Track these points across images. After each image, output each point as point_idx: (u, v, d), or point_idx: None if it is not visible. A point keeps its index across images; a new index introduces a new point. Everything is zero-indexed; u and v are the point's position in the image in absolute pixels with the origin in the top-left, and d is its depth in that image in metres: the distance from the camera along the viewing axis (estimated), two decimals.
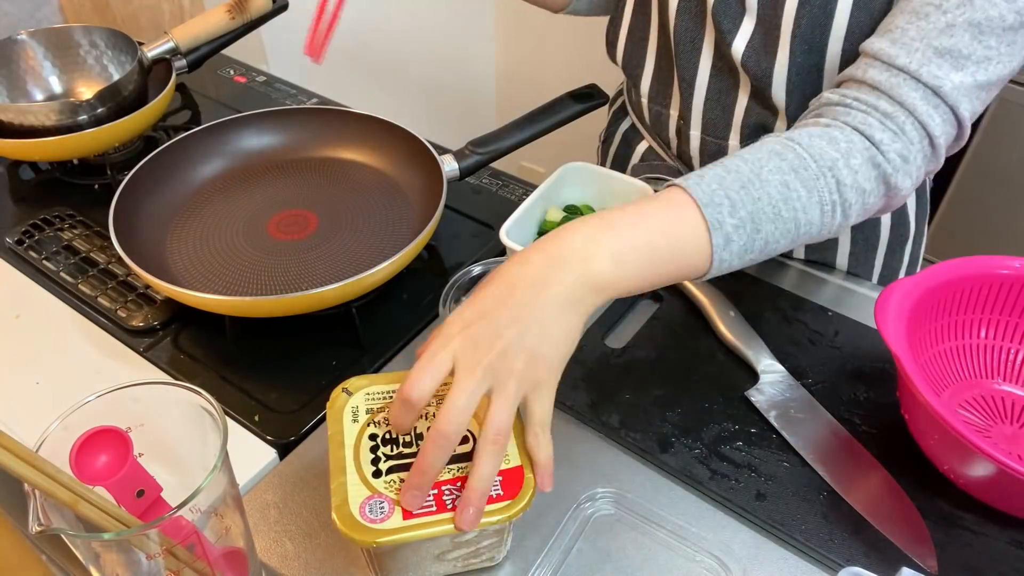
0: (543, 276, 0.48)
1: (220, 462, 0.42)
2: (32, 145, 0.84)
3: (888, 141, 0.55)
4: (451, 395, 0.46)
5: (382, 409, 0.52)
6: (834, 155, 0.55)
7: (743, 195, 0.53)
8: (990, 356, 0.65)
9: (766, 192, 0.53)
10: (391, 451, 0.50)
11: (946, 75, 0.55)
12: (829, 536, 0.55)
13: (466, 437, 0.51)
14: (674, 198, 0.53)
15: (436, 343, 0.48)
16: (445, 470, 0.49)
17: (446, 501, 0.47)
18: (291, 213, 0.81)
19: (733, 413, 0.64)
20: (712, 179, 0.53)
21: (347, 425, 0.51)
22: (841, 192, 0.55)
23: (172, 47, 0.97)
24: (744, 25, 0.68)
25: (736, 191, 0.53)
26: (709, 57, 0.73)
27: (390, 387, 0.54)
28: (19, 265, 0.79)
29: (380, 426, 0.51)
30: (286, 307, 0.65)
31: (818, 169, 0.54)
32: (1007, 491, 0.54)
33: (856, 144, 0.55)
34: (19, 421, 0.63)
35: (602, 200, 0.83)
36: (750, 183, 0.53)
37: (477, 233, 0.83)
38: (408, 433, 0.51)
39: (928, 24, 0.55)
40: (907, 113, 0.56)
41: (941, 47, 0.55)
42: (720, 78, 0.73)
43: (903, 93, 0.56)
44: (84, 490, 0.41)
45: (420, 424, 0.52)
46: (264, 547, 0.56)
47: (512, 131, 0.80)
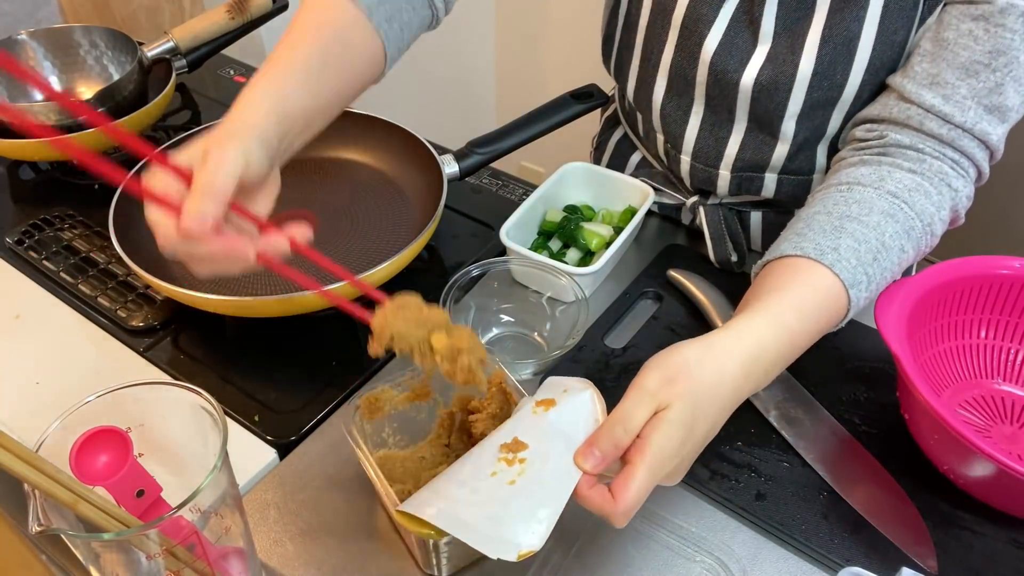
0: (737, 398, 0.51)
1: (220, 462, 0.42)
2: (32, 145, 0.84)
3: (962, 187, 0.61)
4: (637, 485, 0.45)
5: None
6: (932, 211, 0.60)
7: (875, 269, 0.57)
8: (990, 356, 0.65)
9: (891, 261, 0.58)
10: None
11: (994, 129, 0.60)
12: (829, 536, 0.55)
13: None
14: (819, 280, 0.55)
15: (649, 475, 0.46)
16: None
17: None
18: (291, 213, 0.81)
19: (733, 413, 0.63)
20: (849, 253, 0.56)
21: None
22: (931, 241, 0.61)
23: (172, 47, 0.97)
24: (754, 60, 0.68)
25: (871, 265, 0.57)
26: (703, 94, 0.72)
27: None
28: (19, 265, 0.79)
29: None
30: (286, 307, 0.65)
31: (923, 228, 0.59)
32: (1007, 491, 0.54)
33: (945, 197, 0.60)
34: (19, 421, 0.63)
35: (602, 200, 0.83)
36: (879, 254, 0.57)
37: (477, 233, 0.83)
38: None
39: (978, 83, 0.59)
40: (968, 160, 0.61)
41: (991, 105, 0.59)
42: (715, 111, 0.73)
43: (963, 145, 0.60)
44: (84, 490, 0.41)
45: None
46: (264, 547, 0.56)
47: (512, 131, 0.80)
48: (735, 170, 0.75)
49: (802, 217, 0.60)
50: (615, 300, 0.74)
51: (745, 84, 0.68)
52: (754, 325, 0.52)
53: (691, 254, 0.80)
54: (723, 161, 0.75)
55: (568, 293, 0.70)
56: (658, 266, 0.78)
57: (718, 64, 0.69)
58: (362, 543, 0.56)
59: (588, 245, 0.77)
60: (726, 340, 0.50)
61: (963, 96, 0.59)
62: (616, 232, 0.77)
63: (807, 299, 0.55)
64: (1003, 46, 0.57)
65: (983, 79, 0.58)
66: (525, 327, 0.74)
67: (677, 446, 0.46)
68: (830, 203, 0.60)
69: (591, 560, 0.55)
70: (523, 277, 0.75)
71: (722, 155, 0.75)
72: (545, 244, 0.79)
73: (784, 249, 0.58)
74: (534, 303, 0.73)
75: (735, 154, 0.74)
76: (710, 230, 0.78)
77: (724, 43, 0.68)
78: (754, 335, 0.51)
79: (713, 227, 0.78)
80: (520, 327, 0.74)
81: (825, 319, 0.55)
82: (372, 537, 0.57)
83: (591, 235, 0.77)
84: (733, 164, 0.75)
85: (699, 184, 0.79)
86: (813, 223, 0.58)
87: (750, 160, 0.74)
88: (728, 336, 0.51)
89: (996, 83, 0.58)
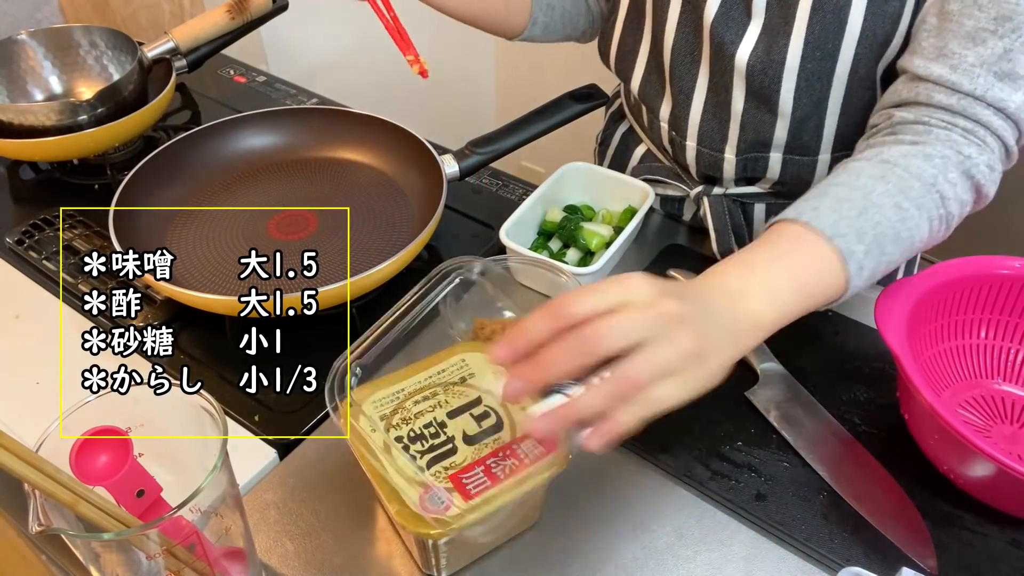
0: (730, 294, 0.48)
1: (220, 462, 0.42)
2: (32, 145, 0.84)
3: (976, 154, 0.58)
4: (617, 315, 0.42)
5: (395, 411, 0.53)
6: (932, 172, 0.57)
7: (863, 222, 0.54)
8: (990, 356, 0.65)
9: (884, 216, 0.55)
10: (422, 446, 0.51)
11: (1009, 96, 0.58)
12: (829, 536, 0.55)
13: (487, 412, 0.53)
14: (795, 233, 0.53)
15: (613, 279, 0.44)
16: (482, 444, 0.51)
17: (496, 473, 0.49)
18: (291, 213, 0.81)
19: (733, 413, 0.64)
20: (827, 211, 0.54)
21: (368, 436, 0.51)
22: (945, 206, 0.57)
23: (172, 47, 0.97)
24: (749, 34, 0.68)
25: (855, 219, 0.54)
26: (707, 70, 0.73)
27: (392, 389, 0.55)
28: (19, 265, 0.79)
29: (400, 427, 0.52)
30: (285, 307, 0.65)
31: (922, 187, 0.56)
32: (1007, 491, 0.54)
33: (950, 159, 0.57)
34: (19, 421, 0.63)
35: (602, 200, 0.83)
36: (866, 210, 0.54)
37: (477, 233, 0.83)
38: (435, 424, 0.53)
39: (986, 50, 0.57)
40: (984, 128, 0.59)
41: (1001, 71, 0.57)
42: (717, 91, 0.73)
43: (976, 112, 0.58)
44: (84, 490, 0.41)
45: (438, 411, 0.53)
46: (264, 547, 0.56)
47: (512, 131, 0.80)
48: (740, 152, 0.75)
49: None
50: None
51: (741, 58, 0.69)
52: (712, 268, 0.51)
53: (691, 254, 0.80)
54: (728, 144, 0.75)
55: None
56: (658, 266, 0.78)
57: (716, 35, 0.69)
58: (362, 543, 0.56)
59: (588, 245, 0.77)
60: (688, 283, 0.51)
61: (971, 64, 0.57)
62: (616, 232, 0.77)
63: (771, 243, 0.53)
64: (1008, 11, 0.56)
65: (990, 46, 0.57)
66: None
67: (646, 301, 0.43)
68: (824, 180, 0.59)
69: (592, 559, 0.55)
70: (523, 277, 0.75)
71: (726, 138, 0.75)
72: (545, 244, 0.79)
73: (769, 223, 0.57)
74: (534, 303, 0.73)
75: (738, 135, 0.74)
76: (714, 221, 0.78)
77: (721, 13, 0.69)
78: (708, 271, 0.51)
79: (717, 218, 0.78)
80: None
81: (806, 259, 0.52)
82: (372, 537, 0.57)
83: (591, 235, 0.77)
84: (738, 146, 0.75)
85: (705, 170, 0.79)
86: (800, 198, 0.57)
87: (753, 139, 0.74)
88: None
89: (1005, 49, 0.57)
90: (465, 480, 0.49)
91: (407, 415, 0.53)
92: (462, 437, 0.52)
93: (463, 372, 0.56)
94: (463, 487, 0.49)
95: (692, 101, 0.75)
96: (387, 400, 0.54)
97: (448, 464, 0.50)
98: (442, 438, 0.52)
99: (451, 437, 0.52)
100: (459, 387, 0.55)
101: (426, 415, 0.53)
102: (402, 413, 0.53)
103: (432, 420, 0.53)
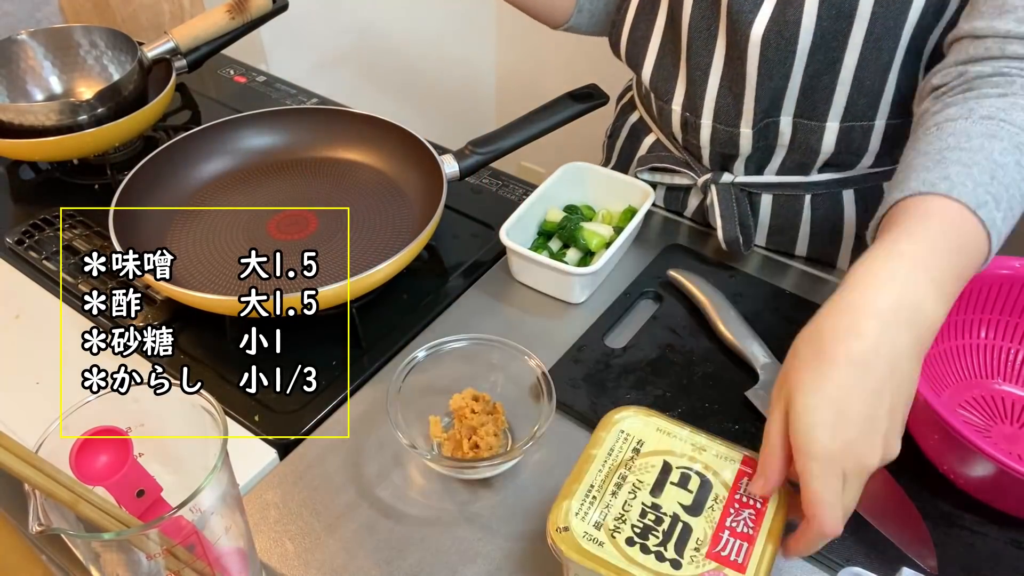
0: (890, 349, 0.47)
1: (220, 462, 0.42)
2: (32, 145, 0.84)
3: None
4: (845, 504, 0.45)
5: (603, 514, 0.48)
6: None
7: (996, 187, 0.52)
8: (990, 356, 0.65)
9: (1010, 177, 0.53)
10: (657, 538, 0.46)
11: None
12: None
13: (687, 474, 0.50)
14: (940, 210, 0.52)
15: (818, 467, 0.45)
16: (708, 509, 0.48)
17: (745, 531, 0.47)
18: (291, 213, 0.81)
19: (733, 413, 0.64)
20: (962, 178, 0.52)
21: (601, 552, 0.46)
22: None
23: (172, 47, 0.97)
24: (764, 8, 0.68)
25: (989, 184, 0.52)
26: (723, 44, 0.73)
27: (579, 493, 0.49)
28: (19, 265, 0.79)
29: (621, 529, 0.47)
30: (285, 307, 0.65)
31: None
32: (1007, 491, 0.54)
33: None
34: (19, 421, 0.63)
35: (602, 200, 0.83)
36: (995, 173, 0.52)
37: (477, 233, 0.83)
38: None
39: None
40: None
41: None
42: (732, 66, 0.73)
43: None
44: (84, 490, 0.41)
45: (641, 495, 0.49)
46: (264, 547, 0.56)
47: (512, 131, 0.80)
48: (755, 123, 0.75)
49: (900, 168, 0.57)
50: (615, 300, 0.74)
51: (758, 24, 0.68)
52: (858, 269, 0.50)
53: (691, 254, 0.80)
54: (743, 118, 0.75)
55: (568, 293, 0.70)
56: (658, 266, 0.78)
57: (733, 7, 0.69)
58: (362, 543, 0.56)
59: (588, 245, 0.77)
60: (829, 302, 0.50)
61: None
62: (616, 232, 0.77)
63: (921, 224, 0.51)
64: None
65: None
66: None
67: (825, 417, 0.45)
68: (923, 145, 0.56)
69: None
70: (523, 277, 0.75)
71: (741, 112, 0.74)
72: (545, 244, 0.79)
73: (889, 200, 0.55)
74: (534, 303, 0.73)
75: (753, 107, 0.74)
76: (721, 207, 0.78)
77: None
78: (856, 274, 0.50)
79: (724, 204, 0.79)
80: None
81: (959, 240, 0.51)
82: (372, 537, 0.57)
83: (591, 235, 0.77)
84: (753, 118, 0.74)
85: (721, 148, 0.78)
86: (912, 167, 0.55)
87: (767, 107, 0.74)
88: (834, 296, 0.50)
89: None
90: (724, 553, 0.46)
91: (617, 512, 0.48)
92: (684, 510, 0.48)
93: (631, 444, 0.51)
94: (728, 560, 0.45)
95: (709, 77, 0.75)
96: (584, 506, 0.48)
97: (696, 544, 0.46)
98: (668, 521, 0.47)
99: (675, 515, 0.47)
100: (639, 461, 0.51)
101: (634, 504, 0.48)
102: (612, 512, 0.48)
103: (643, 507, 0.48)
